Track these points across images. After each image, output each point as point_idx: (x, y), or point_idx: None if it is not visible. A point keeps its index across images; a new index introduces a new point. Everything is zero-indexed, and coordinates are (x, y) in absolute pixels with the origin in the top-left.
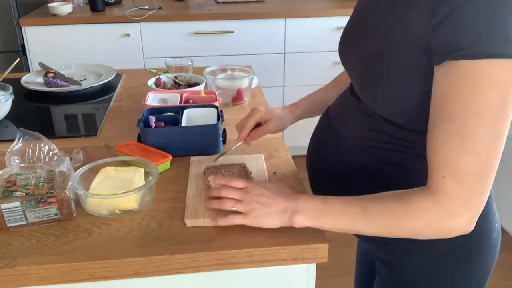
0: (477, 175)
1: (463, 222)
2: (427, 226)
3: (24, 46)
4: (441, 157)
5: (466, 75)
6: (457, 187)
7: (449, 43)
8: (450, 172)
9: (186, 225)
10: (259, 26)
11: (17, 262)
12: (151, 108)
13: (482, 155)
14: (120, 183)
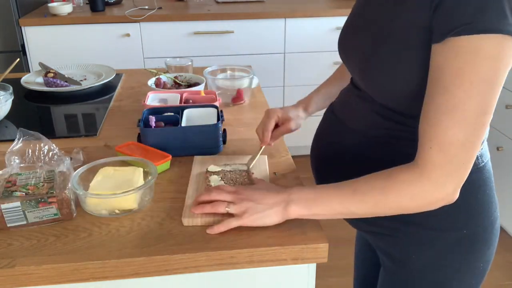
0: (463, 146)
1: (447, 191)
2: (413, 198)
3: (24, 46)
4: (431, 128)
5: (462, 48)
6: (443, 157)
7: (449, 21)
8: (437, 143)
9: (183, 224)
10: (259, 26)
11: (17, 262)
12: (151, 108)
13: (469, 126)
14: (119, 183)
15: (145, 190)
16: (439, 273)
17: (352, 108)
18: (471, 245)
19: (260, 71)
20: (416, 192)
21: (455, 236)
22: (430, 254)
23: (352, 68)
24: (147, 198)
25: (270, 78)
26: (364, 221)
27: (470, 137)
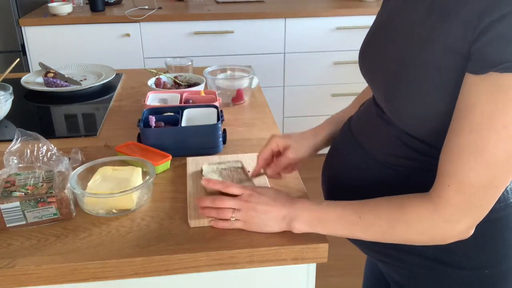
0: (483, 188)
1: (460, 229)
2: (423, 233)
3: (24, 46)
4: (452, 166)
5: (503, 87)
6: (460, 198)
7: (494, 53)
8: (457, 182)
9: (189, 226)
10: (259, 26)
11: (17, 262)
12: (151, 108)
13: (495, 171)
14: (118, 183)
15: (142, 190)
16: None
17: (372, 129)
18: (493, 286)
19: (260, 71)
20: (426, 228)
21: (476, 275)
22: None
23: (375, 87)
24: (145, 198)
25: (270, 78)
26: (373, 250)
27: (494, 181)
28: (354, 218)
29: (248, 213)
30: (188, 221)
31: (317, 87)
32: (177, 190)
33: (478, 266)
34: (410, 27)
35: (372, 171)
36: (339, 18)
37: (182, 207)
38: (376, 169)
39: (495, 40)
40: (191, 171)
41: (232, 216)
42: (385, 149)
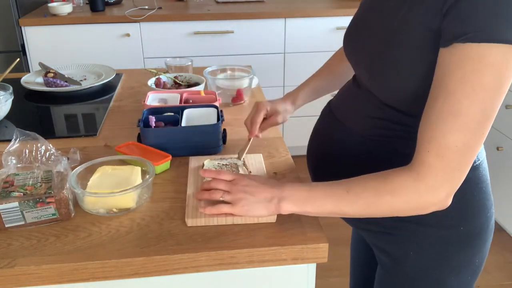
0: (461, 151)
1: (441, 196)
2: (407, 201)
3: (24, 46)
4: (431, 132)
5: (469, 56)
6: (440, 161)
7: (457, 27)
8: (436, 146)
9: (187, 225)
10: (259, 26)
11: (17, 262)
12: (151, 108)
13: (470, 132)
14: (118, 182)
15: (142, 189)
16: (438, 270)
17: (352, 107)
18: (469, 241)
19: (260, 71)
20: (410, 195)
21: (453, 233)
22: (428, 251)
23: (359, 66)
24: (144, 197)
25: (270, 78)
26: (360, 219)
27: (469, 143)
28: (341, 192)
29: (236, 195)
30: (186, 220)
31: None
32: (177, 190)
33: (454, 224)
34: (391, 9)
35: (355, 145)
36: (339, 18)
37: (182, 207)
38: (359, 143)
39: (456, 17)
40: (193, 171)
41: (222, 197)
42: (367, 123)
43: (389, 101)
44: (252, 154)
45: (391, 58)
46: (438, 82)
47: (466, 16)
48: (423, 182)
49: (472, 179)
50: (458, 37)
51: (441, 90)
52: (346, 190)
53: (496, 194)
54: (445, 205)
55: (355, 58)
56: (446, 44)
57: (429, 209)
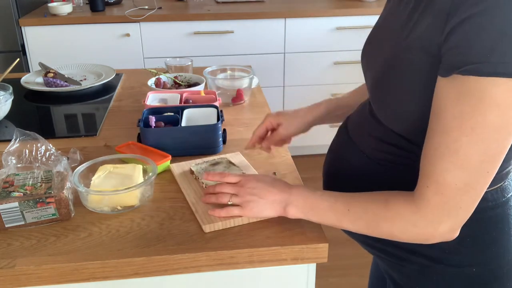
0: (462, 190)
1: (442, 231)
2: (404, 231)
3: (24, 46)
4: (429, 167)
5: (468, 90)
6: (439, 199)
7: (458, 55)
8: (434, 183)
9: (204, 231)
10: (259, 26)
11: (17, 262)
12: (151, 108)
13: (471, 172)
14: (121, 180)
15: (146, 187)
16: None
17: (363, 128)
18: (482, 284)
19: (260, 71)
20: (407, 227)
21: (464, 272)
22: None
23: (368, 86)
24: (147, 195)
25: (270, 78)
26: (372, 247)
27: (471, 183)
28: (343, 209)
29: (245, 197)
30: (202, 227)
31: (317, 87)
32: (177, 190)
33: (465, 263)
34: (397, 29)
35: (362, 166)
36: (339, 18)
37: (182, 207)
38: (365, 164)
39: (458, 43)
40: (180, 177)
41: (230, 201)
42: (374, 145)
43: (392, 127)
44: (230, 153)
45: (390, 81)
46: (435, 115)
47: (467, 43)
48: (422, 217)
49: (492, 219)
50: (458, 68)
51: (438, 124)
52: (347, 208)
53: None
54: (451, 238)
55: (365, 76)
56: (445, 74)
57: (431, 241)
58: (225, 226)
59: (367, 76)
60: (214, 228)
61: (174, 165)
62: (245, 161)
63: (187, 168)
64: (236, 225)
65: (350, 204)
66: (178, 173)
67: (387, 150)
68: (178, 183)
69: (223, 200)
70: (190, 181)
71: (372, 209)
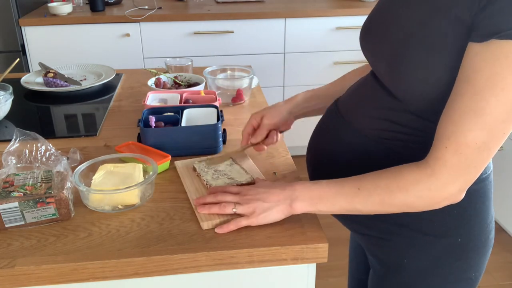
0: (479, 149)
1: (452, 191)
2: (420, 197)
3: (24, 46)
4: (452, 128)
5: (504, 53)
6: (457, 158)
7: (497, 22)
8: (455, 143)
9: (202, 228)
10: (259, 26)
11: (17, 262)
12: (151, 108)
13: (491, 131)
14: (121, 179)
15: (146, 186)
16: (431, 280)
17: (361, 106)
18: (465, 253)
19: (260, 71)
20: (423, 191)
21: (450, 243)
22: (423, 259)
23: (377, 62)
24: (148, 194)
25: (270, 78)
26: (358, 223)
27: (489, 142)
28: (353, 190)
29: (250, 205)
30: (200, 224)
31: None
32: (177, 190)
33: (453, 234)
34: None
35: (361, 146)
36: (339, 18)
37: (182, 207)
38: (365, 144)
39: (495, 13)
40: (184, 174)
41: (234, 208)
42: (375, 125)
43: (404, 97)
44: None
45: (414, 48)
46: (465, 78)
47: (507, 11)
48: (437, 179)
49: (478, 192)
50: (497, 33)
51: (468, 87)
52: (357, 187)
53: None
54: (458, 199)
55: (374, 54)
56: (481, 40)
57: (441, 204)
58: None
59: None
60: (212, 225)
61: (178, 162)
62: (250, 160)
63: (191, 165)
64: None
65: (360, 184)
66: (181, 170)
67: (388, 127)
68: (181, 179)
69: (227, 210)
70: (193, 178)
71: (383, 183)
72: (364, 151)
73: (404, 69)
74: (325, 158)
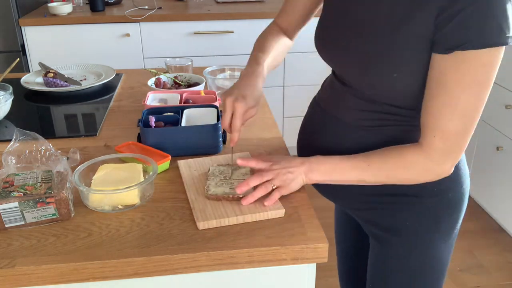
0: (461, 133)
1: (446, 168)
2: (420, 174)
3: (24, 46)
4: (434, 121)
5: (466, 59)
6: (444, 143)
7: (456, 37)
8: (440, 133)
9: (198, 228)
10: (259, 26)
11: (17, 262)
12: (151, 108)
13: (467, 118)
14: (121, 179)
15: (146, 186)
16: (431, 236)
17: (341, 101)
18: (455, 206)
19: None
20: (421, 170)
21: (443, 199)
22: (423, 219)
23: (344, 67)
24: (148, 194)
25: (270, 78)
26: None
27: (467, 126)
28: (364, 165)
29: (283, 177)
30: (197, 223)
31: (317, 87)
32: (177, 190)
33: (444, 190)
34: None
35: (349, 136)
36: None
37: (182, 207)
38: (349, 132)
39: (456, 28)
40: (186, 174)
41: (273, 186)
42: (357, 115)
43: (380, 99)
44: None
45: (383, 60)
46: (435, 80)
47: (466, 25)
48: (432, 161)
49: None
50: (459, 46)
51: (440, 88)
52: (368, 163)
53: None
54: (450, 172)
55: (335, 60)
56: (444, 52)
57: (437, 178)
58: (219, 224)
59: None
60: (208, 225)
61: (181, 161)
62: None
63: (193, 165)
64: (231, 224)
65: (369, 161)
66: (184, 169)
67: (372, 117)
68: (181, 179)
69: (269, 189)
70: (194, 178)
71: (390, 160)
72: (351, 139)
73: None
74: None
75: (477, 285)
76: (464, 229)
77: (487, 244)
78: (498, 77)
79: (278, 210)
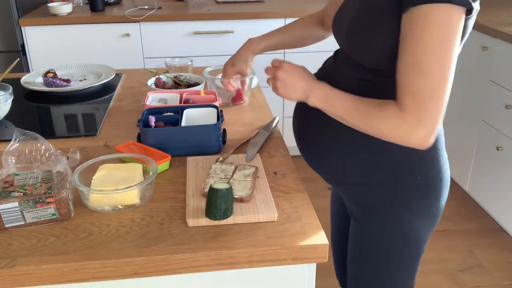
0: (429, 93)
1: (418, 135)
2: (391, 129)
3: (24, 46)
4: (403, 79)
5: (418, 16)
6: (414, 103)
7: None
8: (409, 91)
9: (188, 225)
10: (259, 26)
11: (17, 262)
12: (151, 108)
13: (432, 77)
14: (121, 179)
15: (146, 186)
16: (404, 213)
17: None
18: (425, 190)
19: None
20: (393, 126)
21: (412, 181)
22: (394, 198)
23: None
24: (148, 194)
25: None
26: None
27: (434, 86)
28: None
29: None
30: (186, 220)
31: None
32: (177, 190)
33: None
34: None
35: None
36: None
37: (182, 207)
38: None
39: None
40: (192, 171)
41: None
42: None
43: (362, 61)
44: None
45: (362, 24)
46: (402, 41)
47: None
48: (404, 120)
49: None
50: (410, 3)
51: (404, 47)
52: (354, 107)
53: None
54: (426, 145)
55: (338, 32)
56: (405, 11)
57: (408, 143)
58: (208, 223)
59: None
60: (197, 223)
61: (190, 158)
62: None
63: (201, 162)
64: (223, 223)
65: (357, 104)
66: (191, 165)
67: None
68: (186, 173)
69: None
70: (198, 175)
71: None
72: None
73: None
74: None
75: (477, 285)
76: (464, 229)
77: (487, 244)
78: (498, 77)
79: (270, 214)
